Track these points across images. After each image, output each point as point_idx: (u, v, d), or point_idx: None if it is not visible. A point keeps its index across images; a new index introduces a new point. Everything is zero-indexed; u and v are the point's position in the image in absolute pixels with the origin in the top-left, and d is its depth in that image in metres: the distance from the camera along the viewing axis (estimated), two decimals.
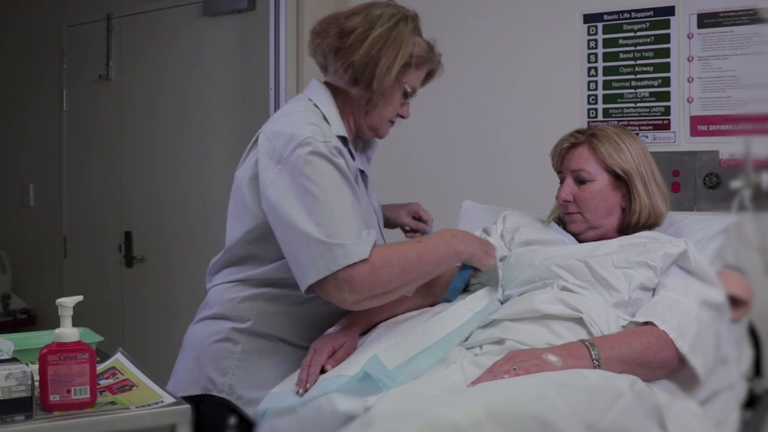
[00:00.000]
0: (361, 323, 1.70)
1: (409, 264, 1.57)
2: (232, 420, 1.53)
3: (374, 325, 1.73)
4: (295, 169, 1.57)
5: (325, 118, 1.67)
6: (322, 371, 1.56)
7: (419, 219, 2.03)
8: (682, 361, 1.52)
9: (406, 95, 1.75)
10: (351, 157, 1.69)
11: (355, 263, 1.50)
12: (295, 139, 1.58)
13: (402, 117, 1.78)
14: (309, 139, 1.57)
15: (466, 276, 1.75)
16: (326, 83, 1.75)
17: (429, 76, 1.80)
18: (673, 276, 1.66)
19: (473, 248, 1.67)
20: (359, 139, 1.84)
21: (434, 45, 1.77)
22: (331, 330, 1.69)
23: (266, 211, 1.61)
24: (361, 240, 1.53)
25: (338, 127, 1.68)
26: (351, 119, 1.75)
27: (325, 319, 1.71)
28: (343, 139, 1.67)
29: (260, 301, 1.68)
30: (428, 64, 1.75)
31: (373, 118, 1.74)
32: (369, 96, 1.68)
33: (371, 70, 1.65)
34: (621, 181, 1.82)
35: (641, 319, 1.58)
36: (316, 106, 1.70)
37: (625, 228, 1.83)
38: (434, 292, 1.78)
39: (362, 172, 1.78)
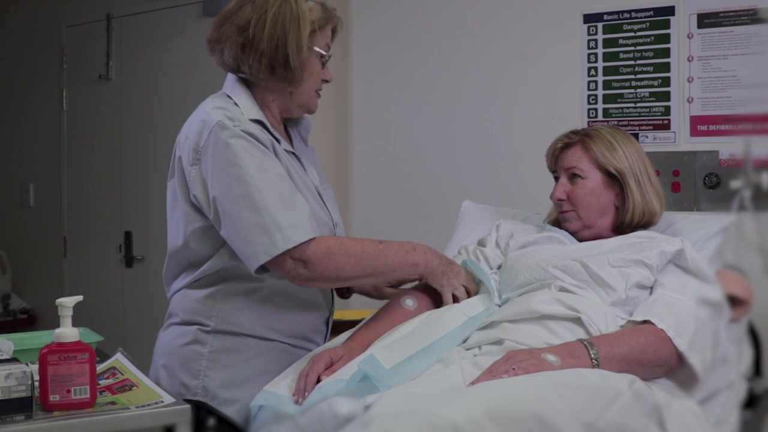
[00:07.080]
0: (362, 342, 1.66)
1: (365, 259, 1.63)
2: (211, 421, 1.51)
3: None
4: (215, 156, 1.60)
5: (236, 104, 1.68)
6: (318, 381, 1.53)
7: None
8: (680, 359, 1.52)
9: (322, 59, 1.74)
10: (276, 141, 1.69)
11: (308, 243, 1.57)
12: (207, 125, 1.62)
13: (327, 81, 1.78)
14: (219, 123, 1.61)
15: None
16: (242, 78, 1.75)
17: (333, 32, 1.79)
18: (670, 274, 1.66)
19: (431, 265, 1.69)
20: (289, 121, 1.84)
21: (325, 3, 1.77)
22: (331, 343, 1.69)
23: (202, 206, 1.64)
24: (300, 222, 1.57)
25: (251, 111, 1.69)
26: (274, 106, 1.75)
27: (284, 308, 1.70)
28: (258, 123, 1.68)
29: (218, 299, 1.68)
30: (330, 22, 1.74)
31: (300, 96, 1.74)
32: (290, 76, 1.68)
33: (283, 51, 1.66)
34: (614, 180, 1.82)
35: (639, 318, 1.58)
36: (229, 97, 1.71)
37: (620, 227, 1.83)
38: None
39: (295, 155, 1.77)
